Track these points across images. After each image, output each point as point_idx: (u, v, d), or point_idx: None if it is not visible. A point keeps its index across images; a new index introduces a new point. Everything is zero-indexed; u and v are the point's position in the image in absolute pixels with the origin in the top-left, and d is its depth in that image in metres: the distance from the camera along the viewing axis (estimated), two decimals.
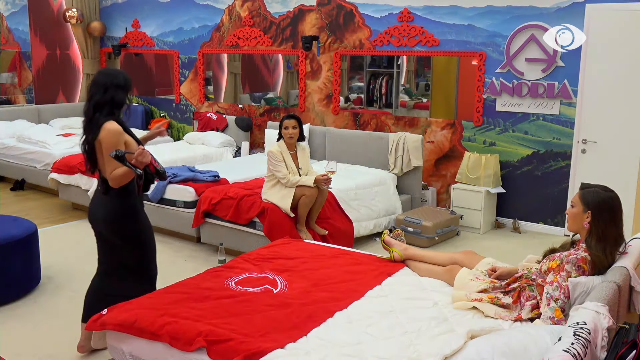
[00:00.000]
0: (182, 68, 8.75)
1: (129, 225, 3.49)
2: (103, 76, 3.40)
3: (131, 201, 3.47)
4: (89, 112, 3.37)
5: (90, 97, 3.38)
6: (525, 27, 6.03)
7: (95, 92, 3.36)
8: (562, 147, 6.04)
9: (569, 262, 2.92)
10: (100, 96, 3.33)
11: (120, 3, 9.32)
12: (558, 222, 6.13)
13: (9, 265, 4.25)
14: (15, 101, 9.77)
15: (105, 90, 3.33)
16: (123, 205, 3.45)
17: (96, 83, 3.37)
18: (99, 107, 3.33)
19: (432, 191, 6.73)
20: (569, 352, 2.05)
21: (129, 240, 3.51)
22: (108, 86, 3.34)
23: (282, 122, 5.15)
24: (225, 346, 2.71)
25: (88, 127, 3.38)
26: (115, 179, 3.30)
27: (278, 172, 5.06)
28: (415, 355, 2.68)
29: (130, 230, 3.50)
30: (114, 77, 3.38)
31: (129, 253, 3.53)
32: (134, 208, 3.50)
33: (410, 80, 7.19)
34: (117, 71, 3.48)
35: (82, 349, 3.59)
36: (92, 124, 3.35)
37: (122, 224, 3.46)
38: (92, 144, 3.35)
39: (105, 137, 3.28)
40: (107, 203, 3.44)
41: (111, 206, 3.44)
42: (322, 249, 4.13)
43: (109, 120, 3.31)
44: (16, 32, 9.66)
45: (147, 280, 3.64)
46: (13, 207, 6.96)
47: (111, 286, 3.57)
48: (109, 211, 3.44)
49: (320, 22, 7.34)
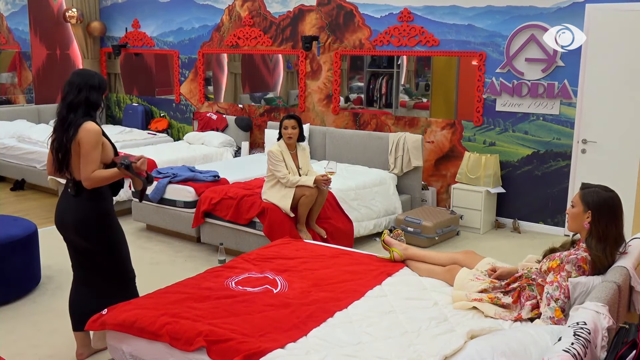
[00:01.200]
0: (182, 68, 8.75)
1: (102, 229, 3.38)
2: (77, 77, 3.32)
3: (105, 204, 3.39)
4: (62, 112, 3.29)
5: (64, 97, 3.30)
6: (525, 27, 6.03)
7: (69, 92, 3.29)
8: (562, 147, 6.04)
9: (569, 262, 2.92)
10: (74, 96, 3.26)
11: (120, 3, 9.32)
12: (558, 222, 6.13)
13: (9, 265, 4.25)
14: (15, 101, 9.77)
15: (79, 91, 3.27)
16: (96, 209, 3.34)
17: (70, 83, 3.30)
18: (73, 108, 3.26)
19: (432, 191, 6.73)
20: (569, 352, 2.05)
21: (103, 245, 3.39)
22: (82, 87, 3.27)
23: (282, 122, 5.15)
24: (225, 346, 2.71)
25: (61, 127, 3.28)
26: (96, 181, 3.22)
27: (278, 172, 5.06)
28: (415, 355, 2.68)
29: (104, 235, 3.39)
30: (89, 78, 3.32)
31: (104, 259, 3.42)
32: (107, 211, 3.41)
33: (410, 80, 7.19)
34: (92, 72, 3.41)
35: (81, 356, 3.56)
36: (66, 123, 3.25)
37: (95, 228, 3.35)
38: (66, 144, 3.25)
39: (86, 136, 3.20)
40: (79, 206, 3.32)
41: (82, 209, 3.32)
42: (322, 249, 4.13)
43: (87, 121, 3.24)
44: (16, 32, 9.66)
45: (127, 285, 3.55)
46: (13, 207, 6.96)
47: (92, 295, 3.47)
48: (80, 215, 3.32)
49: (320, 22, 7.34)
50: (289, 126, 5.11)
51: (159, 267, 5.14)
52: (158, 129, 8.93)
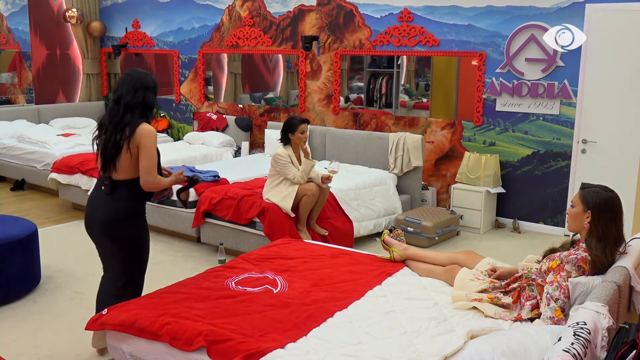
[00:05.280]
0: (182, 68, 8.75)
1: (133, 227, 3.41)
2: (132, 77, 3.33)
3: (139, 204, 3.44)
4: (118, 112, 3.27)
5: (119, 98, 3.29)
6: (525, 27, 6.03)
7: (126, 92, 3.28)
8: (562, 147, 6.04)
9: (569, 262, 2.92)
10: (131, 97, 3.27)
11: (120, 3, 9.32)
12: (558, 222, 6.13)
13: (9, 265, 4.25)
14: (15, 101, 9.76)
15: (135, 92, 3.28)
16: (131, 207, 3.39)
17: (125, 83, 3.30)
18: (130, 109, 3.27)
19: (432, 191, 6.73)
20: (569, 352, 2.05)
21: (130, 244, 3.41)
22: (138, 87, 3.29)
23: (299, 125, 5.07)
24: (225, 346, 2.71)
25: (115, 127, 3.26)
26: (157, 186, 3.33)
27: (288, 174, 5.07)
28: (415, 355, 2.68)
29: (132, 233, 3.41)
30: (144, 79, 3.33)
31: (128, 259, 3.43)
32: (141, 211, 3.46)
33: (410, 80, 7.19)
34: (144, 72, 3.41)
35: (101, 352, 3.54)
36: (122, 124, 3.25)
37: (125, 225, 3.37)
38: (119, 144, 3.25)
39: (147, 138, 3.25)
40: (113, 203, 3.35)
41: (115, 207, 3.35)
42: (322, 249, 4.13)
43: (143, 122, 3.28)
44: (16, 32, 9.65)
45: (136, 294, 3.52)
46: (13, 207, 6.96)
47: (112, 294, 3.46)
48: (112, 211, 3.34)
49: (320, 22, 7.34)
50: (306, 130, 5.12)
51: (159, 267, 5.13)
52: (158, 129, 8.93)
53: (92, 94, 9.53)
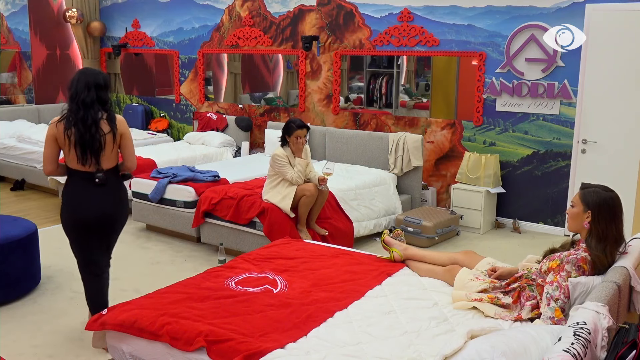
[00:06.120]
0: (182, 68, 8.75)
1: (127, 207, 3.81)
2: (84, 75, 3.56)
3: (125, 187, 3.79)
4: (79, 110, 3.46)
5: (74, 96, 3.48)
6: (525, 27, 6.03)
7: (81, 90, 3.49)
8: (562, 147, 6.04)
9: (569, 262, 2.92)
10: (86, 95, 3.48)
11: (120, 3, 9.32)
12: (558, 222, 6.13)
13: (9, 265, 4.25)
14: (15, 101, 9.76)
15: (89, 90, 3.51)
16: (124, 191, 3.77)
17: (78, 81, 3.52)
18: (87, 105, 3.48)
19: (432, 191, 6.73)
20: (569, 352, 2.05)
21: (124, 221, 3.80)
22: (90, 85, 3.51)
23: (295, 131, 5.06)
24: (225, 346, 2.71)
25: (84, 123, 3.45)
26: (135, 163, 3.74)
27: (286, 174, 5.07)
28: (415, 355, 2.68)
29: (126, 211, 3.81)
30: (95, 77, 3.55)
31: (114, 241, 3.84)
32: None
33: (410, 80, 7.19)
34: (96, 71, 3.68)
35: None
36: (89, 120, 3.45)
37: (125, 210, 3.77)
38: (102, 137, 3.49)
39: (125, 127, 3.65)
40: (116, 193, 3.66)
41: (120, 196, 3.70)
42: (322, 249, 4.13)
43: (115, 114, 3.61)
44: (16, 32, 9.66)
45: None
46: (13, 207, 6.96)
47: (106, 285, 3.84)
48: (118, 201, 3.68)
49: (320, 22, 7.34)
50: (302, 136, 5.10)
51: (159, 267, 5.14)
52: (158, 129, 8.93)
53: None
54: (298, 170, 5.08)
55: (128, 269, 4.99)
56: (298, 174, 5.07)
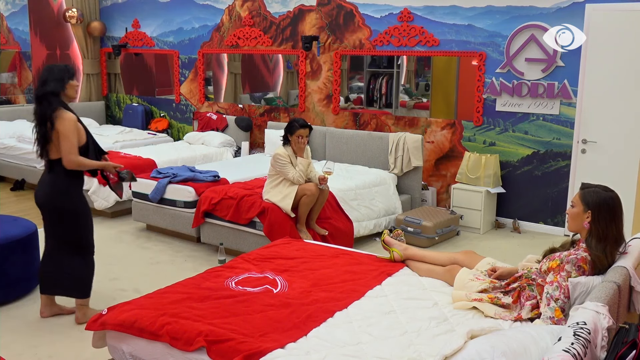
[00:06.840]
0: (182, 68, 8.75)
1: (71, 200, 3.85)
2: (42, 72, 3.83)
3: (77, 180, 3.88)
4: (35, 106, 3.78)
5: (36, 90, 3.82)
6: (525, 27, 6.03)
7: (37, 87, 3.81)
8: (562, 147, 6.04)
9: (569, 262, 2.92)
10: (38, 90, 3.74)
11: (120, 3, 9.32)
12: (558, 222, 6.13)
13: (9, 265, 4.25)
14: (15, 101, 9.76)
15: (42, 84, 3.76)
16: (69, 183, 3.83)
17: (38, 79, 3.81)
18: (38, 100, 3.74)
19: (432, 191, 6.73)
20: (569, 352, 2.05)
21: (70, 215, 3.84)
22: (44, 80, 3.75)
23: (298, 130, 5.05)
24: (225, 346, 2.71)
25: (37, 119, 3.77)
26: (80, 166, 3.77)
27: (287, 174, 5.07)
28: (415, 355, 2.68)
29: (70, 205, 3.84)
30: (49, 71, 3.79)
31: (70, 229, 3.88)
32: (78, 186, 3.91)
33: (410, 80, 7.19)
34: (52, 65, 3.88)
35: (43, 314, 4.06)
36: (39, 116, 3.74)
37: (64, 199, 3.82)
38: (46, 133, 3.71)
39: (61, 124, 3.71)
40: (55, 180, 3.80)
41: (57, 182, 3.80)
42: (322, 249, 4.13)
43: (60, 108, 3.74)
44: (16, 32, 9.66)
45: (90, 255, 4.02)
46: (13, 207, 6.96)
47: (61, 261, 3.93)
48: (54, 187, 3.80)
49: (320, 22, 7.34)
50: (304, 135, 5.09)
51: (159, 267, 5.14)
52: (158, 129, 8.94)
53: (92, 94, 9.53)
54: (300, 169, 5.08)
55: (128, 269, 5.00)
56: (299, 174, 5.07)
